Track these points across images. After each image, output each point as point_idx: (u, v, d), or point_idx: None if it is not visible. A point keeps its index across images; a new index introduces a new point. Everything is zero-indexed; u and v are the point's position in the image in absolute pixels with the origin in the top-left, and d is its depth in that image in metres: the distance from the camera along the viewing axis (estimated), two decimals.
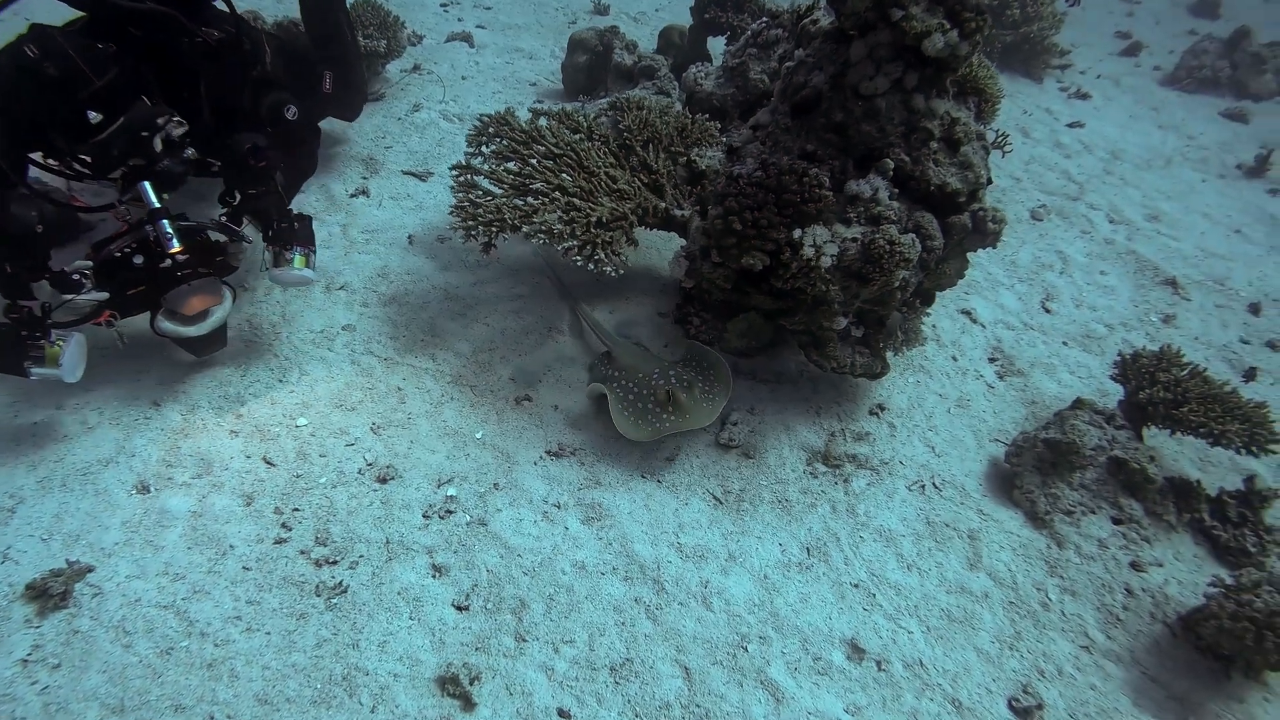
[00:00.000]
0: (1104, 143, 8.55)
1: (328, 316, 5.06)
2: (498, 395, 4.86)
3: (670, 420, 4.49)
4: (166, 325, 4.31)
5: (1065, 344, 5.86)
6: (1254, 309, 6.44)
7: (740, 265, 4.38)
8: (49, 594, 3.59)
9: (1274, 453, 4.65)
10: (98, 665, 3.46)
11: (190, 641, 3.60)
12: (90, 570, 3.74)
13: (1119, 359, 5.05)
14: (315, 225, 4.76)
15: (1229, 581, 4.06)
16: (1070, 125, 9.20)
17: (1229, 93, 11.68)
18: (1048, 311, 6.14)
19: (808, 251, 4.26)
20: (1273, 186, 8.34)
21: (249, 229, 4.75)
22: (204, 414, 4.46)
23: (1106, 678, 4.00)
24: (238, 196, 4.71)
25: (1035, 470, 4.74)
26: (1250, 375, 5.90)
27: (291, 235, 4.59)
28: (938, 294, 5.48)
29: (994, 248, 4.84)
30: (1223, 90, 11.69)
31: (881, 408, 5.17)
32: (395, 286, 5.33)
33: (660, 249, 6.02)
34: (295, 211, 4.74)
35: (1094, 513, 4.64)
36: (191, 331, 4.36)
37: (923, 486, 4.77)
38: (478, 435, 4.63)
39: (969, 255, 4.92)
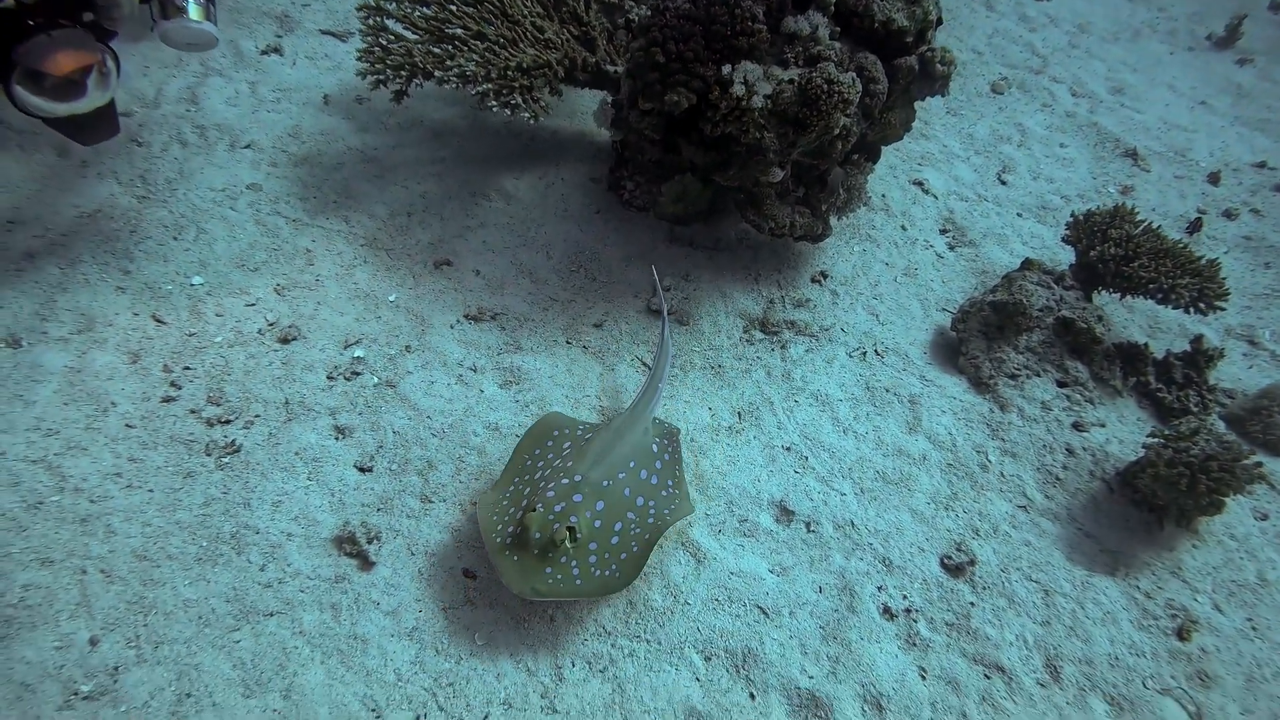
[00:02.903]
0: (1071, 15, 7.95)
1: (231, 174, 4.59)
2: (415, 259, 4.45)
3: (497, 544, 3.08)
4: (29, 97, 3.25)
5: (1019, 215, 5.49)
6: (1213, 179, 6.06)
7: (665, 104, 3.93)
8: None
9: (1221, 309, 4.33)
10: None
11: (62, 497, 3.27)
12: None
13: (1071, 219, 4.67)
14: (219, 83, 4.25)
15: (1168, 431, 3.80)
16: None
17: None
18: (1003, 183, 5.74)
19: (737, 89, 3.82)
20: (1241, 56, 7.80)
21: None
22: (86, 269, 4.03)
23: (1041, 534, 3.75)
24: None
25: (981, 335, 4.41)
26: (1195, 226, 5.59)
27: None
28: (887, 159, 5.08)
29: (944, 95, 4.41)
30: None
31: (824, 275, 4.80)
32: (307, 147, 4.85)
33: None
34: None
35: (1039, 376, 4.34)
36: (63, 109, 3.36)
37: (864, 353, 4.45)
38: (391, 298, 4.25)
39: (916, 105, 4.50)
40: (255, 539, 3.29)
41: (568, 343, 4.23)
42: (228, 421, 3.62)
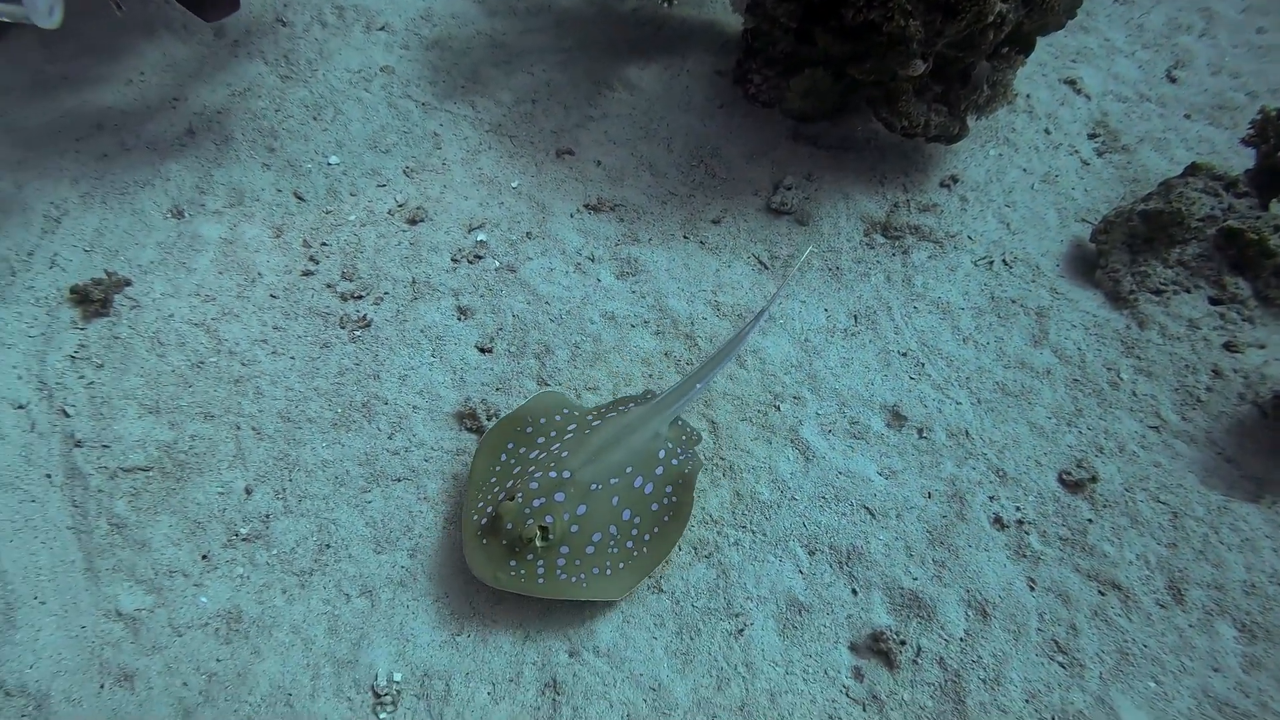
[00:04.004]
0: None
1: (366, 56, 4.60)
2: (538, 147, 4.38)
3: (473, 522, 2.93)
4: None
5: (1187, 117, 4.84)
6: None
7: None
8: (90, 299, 3.51)
9: None
10: (135, 369, 3.40)
11: (219, 358, 3.48)
12: (128, 283, 3.63)
13: (1260, 115, 4.02)
14: None
15: None
16: None
17: None
18: (1172, 81, 5.04)
19: None
20: None
21: None
22: (237, 146, 4.17)
23: (1175, 456, 3.46)
24: None
25: (1125, 247, 4.01)
26: None
27: None
28: (1036, 54, 4.56)
29: None
30: None
31: (954, 179, 4.45)
32: (439, 30, 4.79)
33: (725, 2, 5.20)
34: None
35: (1188, 291, 3.92)
36: None
37: (990, 262, 4.14)
38: (514, 184, 4.22)
39: None
40: (384, 409, 3.42)
41: (685, 237, 4.11)
42: (360, 297, 3.73)
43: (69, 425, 3.23)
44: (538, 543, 2.80)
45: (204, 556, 2.99)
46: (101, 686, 2.68)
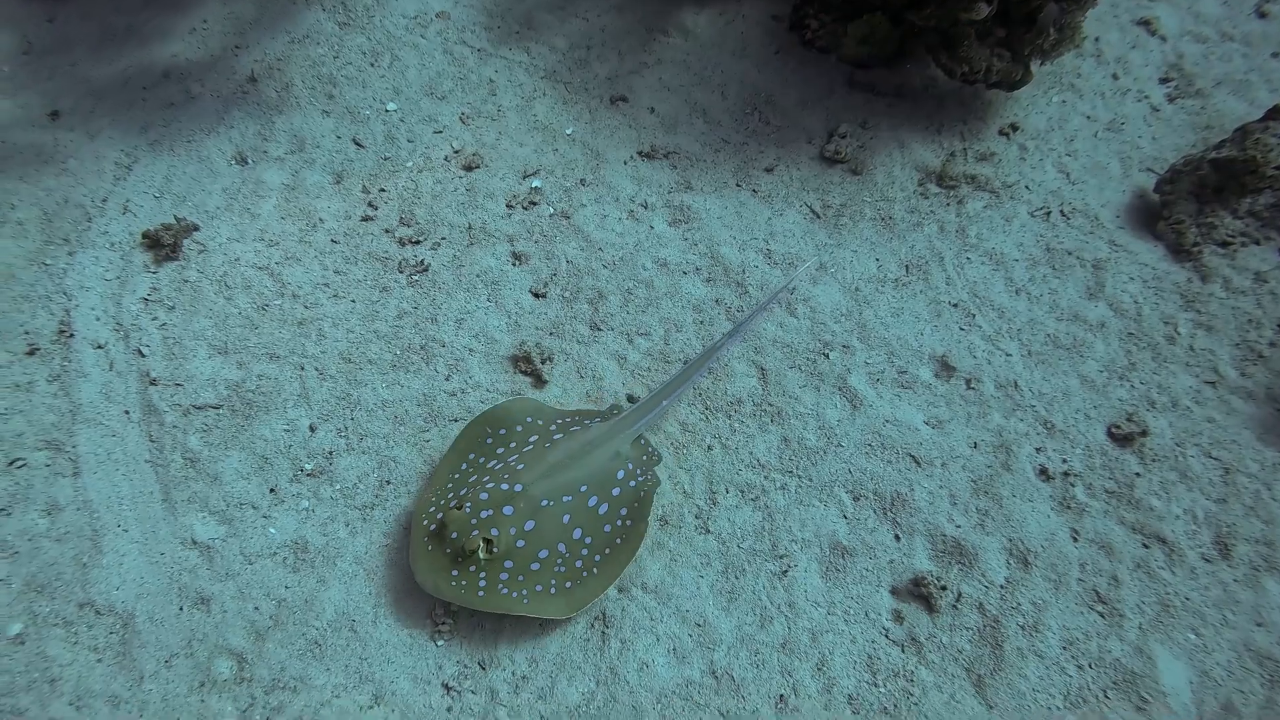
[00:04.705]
0: None
1: (422, 2, 4.58)
2: (592, 94, 4.35)
3: (423, 526, 2.87)
4: None
5: (1275, 56, 4.53)
6: None
7: None
8: (161, 244, 3.63)
9: None
10: (205, 312, 3.52)
11: (283, 301, 3.59)
12: (196, 228, 3.74)
13: None
14: None
15: None
16: None
17: None
18: (1263, 16, 4.70)
19: None
20: None
21: None
22: (298, 92, 4.23)
23: (1230, 412, 3.38)
24: None
25: (1191, 198, 3.86)
26: None
27: None
28: None
29: None
30: None
31: (1014, 127, 4.30)
32: None
33: None
34: None
35: (1257, 244, 3.77)
36: None
37: (1048, 213, 4.02)
38: (568, 131, 4.21)
39: None
40: (441, 351, 3.50)
41: (738, 185, 4.08)
42: (417, 242, 3.79)
43: (144, 364, 3.38)
44: (481, 555, 2.73)
45: (272, 490, 3.13)
46: (180, 608, 2.85)
